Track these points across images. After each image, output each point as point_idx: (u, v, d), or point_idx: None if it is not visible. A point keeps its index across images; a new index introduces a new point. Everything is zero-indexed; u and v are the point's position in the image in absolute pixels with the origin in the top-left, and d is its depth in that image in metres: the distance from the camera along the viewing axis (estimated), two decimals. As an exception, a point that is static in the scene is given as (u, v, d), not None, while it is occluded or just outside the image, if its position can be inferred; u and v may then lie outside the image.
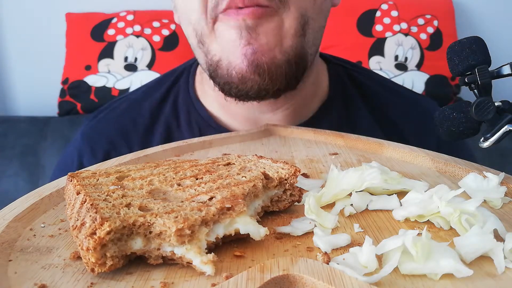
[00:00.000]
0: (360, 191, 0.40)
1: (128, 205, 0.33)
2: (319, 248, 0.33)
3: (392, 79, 1.48)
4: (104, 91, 1.68)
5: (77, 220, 0.32)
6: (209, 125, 0.74)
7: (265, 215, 0.38)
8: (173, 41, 1.73)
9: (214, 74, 0.63)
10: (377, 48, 1.78)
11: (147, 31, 1.73)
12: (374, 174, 0.41)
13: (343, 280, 0.27)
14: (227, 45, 0.60)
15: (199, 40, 0.63)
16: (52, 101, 1.74)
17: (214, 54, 0.62)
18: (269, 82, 0.60)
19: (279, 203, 0.39)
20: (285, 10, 0.59)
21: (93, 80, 1.69)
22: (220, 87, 0.64)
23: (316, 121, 0.73)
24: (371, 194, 0.41)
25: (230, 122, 0.74)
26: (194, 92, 0.76)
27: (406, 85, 1.33)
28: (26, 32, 1.87)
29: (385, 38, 1.78)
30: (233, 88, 0.62)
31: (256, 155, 0.44)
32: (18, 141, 1.56)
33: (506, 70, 0.43)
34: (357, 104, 0.78)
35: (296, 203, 0.40)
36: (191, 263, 0.30)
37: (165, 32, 1.75)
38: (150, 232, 0.30)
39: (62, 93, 1.70)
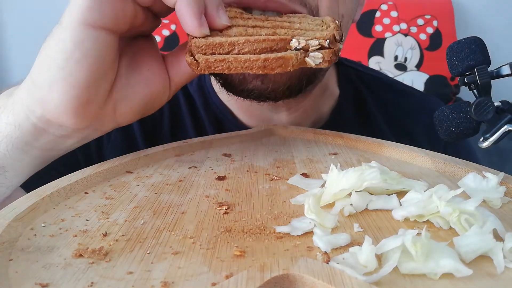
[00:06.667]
0: (360, 191, 0.40)
1: None
2: (319, 247, 0.33)
3: (392, 79, 1.48)
4: (104, 91, 1.68)
5: None
6: (227, 118, 0.74)
7: (265, 215, 0.38)
8: (173, 41, 1.73)
9: (214, 74, 0.64)
10: (377, 48, 1.78)
11: (147, 31, 1.74)
12: (374, 174, 0.41)
13: (343, 279, 0.27)
14: None
15: None
16: (52, 101, 1.74)
17: None
18: (272, 91, 0.59)
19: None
20: None
21: (93, 80, 1.69)
22: (221, 84, 0.64)
23: (329, 128, 0.72)
24: (371, 194, 0.41)
25: (246, 120, 0.75)
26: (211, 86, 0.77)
27: (406, 85, 1.33)
28: (26, 32, 1.87)
29: (385, 39, 1.78)
30: (233, 88, 0.62)
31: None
32: (18, 141, 1.55)
33: (505, 70, 0.43)
34: (369, 107, 0.78)
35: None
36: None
37: (165, 32, 1.75)
38: None
39: (62, 93, 1.70)
